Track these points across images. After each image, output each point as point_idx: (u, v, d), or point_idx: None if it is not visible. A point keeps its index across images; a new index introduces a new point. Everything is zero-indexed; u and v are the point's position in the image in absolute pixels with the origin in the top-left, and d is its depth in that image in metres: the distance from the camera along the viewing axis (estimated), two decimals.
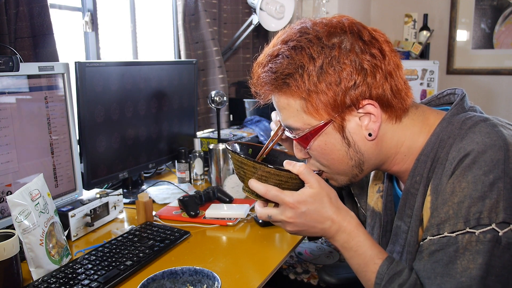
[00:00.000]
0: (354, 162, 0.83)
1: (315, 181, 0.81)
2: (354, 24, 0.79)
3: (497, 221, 0.69)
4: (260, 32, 2.71)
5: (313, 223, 0.82)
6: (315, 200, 0.81)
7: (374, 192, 1.01)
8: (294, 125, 0.82)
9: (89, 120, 1.45)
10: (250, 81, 0.86)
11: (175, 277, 0.93)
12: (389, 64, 0.78)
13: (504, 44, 3.22)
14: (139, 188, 1.77)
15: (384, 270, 0.78)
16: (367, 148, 0.82)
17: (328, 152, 0.82)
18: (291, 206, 0.81)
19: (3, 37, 1.34)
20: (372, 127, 0.80)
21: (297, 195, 0.81)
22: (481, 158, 0.72)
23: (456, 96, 0.89)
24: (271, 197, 0.82)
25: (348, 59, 0.76)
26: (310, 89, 0.77)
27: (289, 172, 0.81)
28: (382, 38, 0.79)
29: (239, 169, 0.85)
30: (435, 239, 0.75)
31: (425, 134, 0.83)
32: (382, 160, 0.86)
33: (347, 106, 0.78)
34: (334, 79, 0.76)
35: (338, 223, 0.82)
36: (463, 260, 0.71)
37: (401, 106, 0.81)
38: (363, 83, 0.76)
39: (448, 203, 0.74)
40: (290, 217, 0.81)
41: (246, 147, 0.97)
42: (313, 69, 0.76)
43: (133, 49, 2.14)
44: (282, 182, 0.81)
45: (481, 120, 0.78)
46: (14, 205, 0.99)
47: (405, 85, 0.81)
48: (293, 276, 1.97)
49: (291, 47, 0.78)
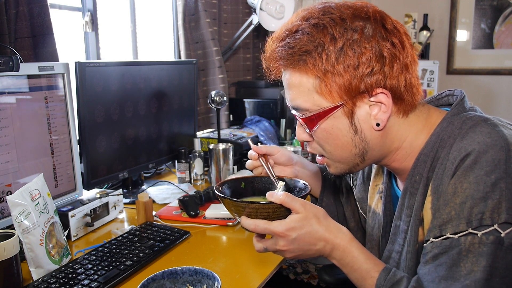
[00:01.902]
0: (357, 151, 0.83)
1: (300, 205, 0.80)
2: (377, 12, 0.79)
3: (499, 221, 0.69)
4: (260, 32, 2.71)
5: (307, 246, 0.82)
6: (303, 225, 0.80)
7: (375, 193, 1.01)
8: (303, 105, 0.81)
9: (89, 120, 1.45)
10: (262, 56, 0.85)
11: (175, 277, 0.93)
12: (407, 56, 0.78)
13: (504, 44, 3.22)
14: (139, 188, 1.77)
15: (381, 282, 0.78)
16: (373, 138, 0.82)
17: (333, 137, 0.82)
18: (282, 235, 0.80)
19: (3, 37, 1.34)
20: (381, 117, 0.79)
21: (285, 223, 0.80)
22: (482, 158, 0.72)
23: (455, 97, 0.89)
24: (261, 231, 0.82)
25: (369, 44, 0.75)
26: (327, 69, 0.76)
27: (273, 203, 0.81)
28: (402, 30, 0.79)
29: (230, 210, 0.86)
30: (438, 241, 0.74)
31: (427, 132, 0.83)
32: (384, 154, 0.86)
33: (360, 91, 0.77)
34: (353, 62, 0.75)
35: (331, 241, 0.82)
36: (466, 263, 0.71)
37: (411, 101, 0.81)
38: (380, 71, 0.76)
39: (450, 204, 0.73)
40: (284, 245, 0.81)
41: (238, 182, 0.96)
42: (333, 49, 0.75)
43: (133, 49, 2.14)
44: (270, 213, 0.81)
45: (482, 120, 0.77)
46: (14, 205, 0.99)
47: (417, 81, 0.81)
48: (293, 276, 1.96)
49: (312, 24, 0.77)
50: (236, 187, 0.95)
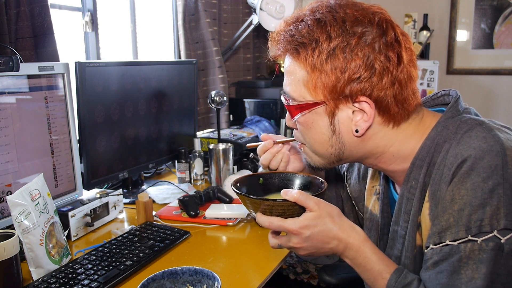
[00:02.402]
0: (333, 150, 0.84)
1: (314, 204, 0.81)
2: (384, 21, 0.78)
3: (499, 228, 0.69)
4: (260, 32, 2.71)
5: (321, 244, 0.82)
6: (317, 223, 0.81)
7: (372, 195, 1.01)
8: (291, 93, 0.83)
9: (89, 120, 1.45)
10: (269, 33, 0.86)
11: (175, 277, 0.93)
12: (402, 72, 0.77)
13: (504, 44, 3.22)
14: (139, 188, 1.77)
15: (392, 284, 0.78)
16: (351, 141, 0.82)
17: (312, 132, 0.83)
18: (295, 232, 0.81)
19: (4, 37, 1.34)
20: (361, 125, 0.79)
21: (299, 221, 0.81)
22: (479, 164, 0.71)
23: (450, 98, 0.88)
24: (275, 228, 0.83)
25: (362, 52, 0.75)
26: (316, 65, 0.77)
27: (287, 201, 0.81)
28: (406, 45, 0.78)
29: (246, 206, 0.88)
30: (438, 248, 0.74)
31: (419, 137, 0.82)
32: (365, 155, 0.86)
33: (344, 95, 0.78)
34: (341, 66, 0.76)
35: (344, 240, 0.82)
36: (467, 270, 0.70)
37: (401, 114, 0.80)
38: (367, 80, 0.76)
39: (448, 211, 0.73)
40: (297, 242, 0.82)
41: (256, 178, 0.98)
42: (326, 47, 0.76)
43: (133, 49, 2.14)
44: (285, 211, 0.82)
45: (477, 123, 0.77)
46: (14, 205, 0.99)
47: (413, 96, 0.80)
48: (293, 276, 1.97)
49: (315, 18, 0.78)
50: (254, 183, 0.96)
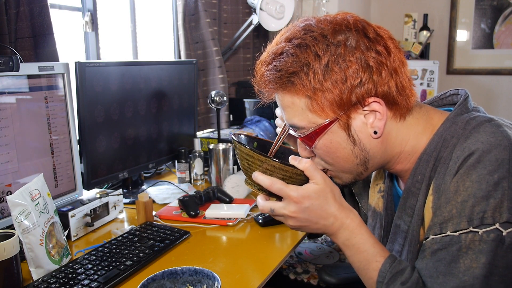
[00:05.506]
0: (359, 160, 0.83)
1: (321, 177, 0.81)
2: (358, 21, 0.78)
3: (501, 220, 0.69)
4: (260, 32, 2.71)
5: (316, 219, 0.82)
6: (319, 196, 0.80)
7: (375, 192, 1.01)
8: (299, 124, 0.81)
9: (89, 120, 1.45)
10: (253, 80, 0.86)
11: (175, 277, 0.93)
12: (394, 61, 0.78)
13: (504, 44, 3.22)
14: (139, 188, 1.77)
15: (386, 268, 0.78)
16: (372, 146, 0.82)
17: (333, 151, 0.82)
18: (295, 200, 0.80)
19: (3, 37, 1.34)
20: (378, 125, 0.79)
21: (301, 190, 0.80)
22: (486, 157, 0.72)
23: (459, 97, 0.89)
24: (275, 190, 0.81)
25: (353, 57, 0.75)
26: (315, 87, 0.77)
27: (294, 167, 0.81)
28: (386, 35, 0.79)
29: (244, 161, 0.85)
30: (438, 238, 0.74)
31: (429, 134, 0.83)
32: (387, 159, 0.86)
33: (352, 104, 0.77)
34: (340, 77, 0.76)
35: (341, 220, 0.82)
36: (466, 259, 0.71)
37: (406, 104, 0.81)
38: (369, 81, 0.76)
39: (451, 202, 0.73)
40: (294, 211, 0.81)
41: (251, 140, 0.96)
42: (319, 67, 0.76)
43: (133, 49, 2.14)
44: (287, 177, 0.81)
45: (486, 120, 0.77)
46: (14, 205, 0.99)
47: (409, 82, 0.81)
48: (293, 276, 1.97)
49: (295, 45, 0.77)
50: (249, 144, 0.94)
